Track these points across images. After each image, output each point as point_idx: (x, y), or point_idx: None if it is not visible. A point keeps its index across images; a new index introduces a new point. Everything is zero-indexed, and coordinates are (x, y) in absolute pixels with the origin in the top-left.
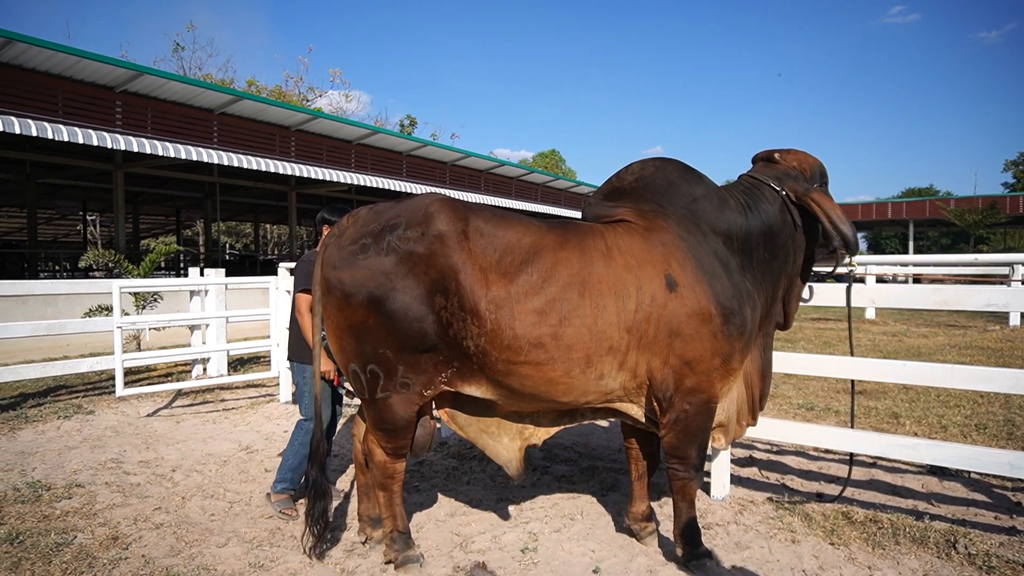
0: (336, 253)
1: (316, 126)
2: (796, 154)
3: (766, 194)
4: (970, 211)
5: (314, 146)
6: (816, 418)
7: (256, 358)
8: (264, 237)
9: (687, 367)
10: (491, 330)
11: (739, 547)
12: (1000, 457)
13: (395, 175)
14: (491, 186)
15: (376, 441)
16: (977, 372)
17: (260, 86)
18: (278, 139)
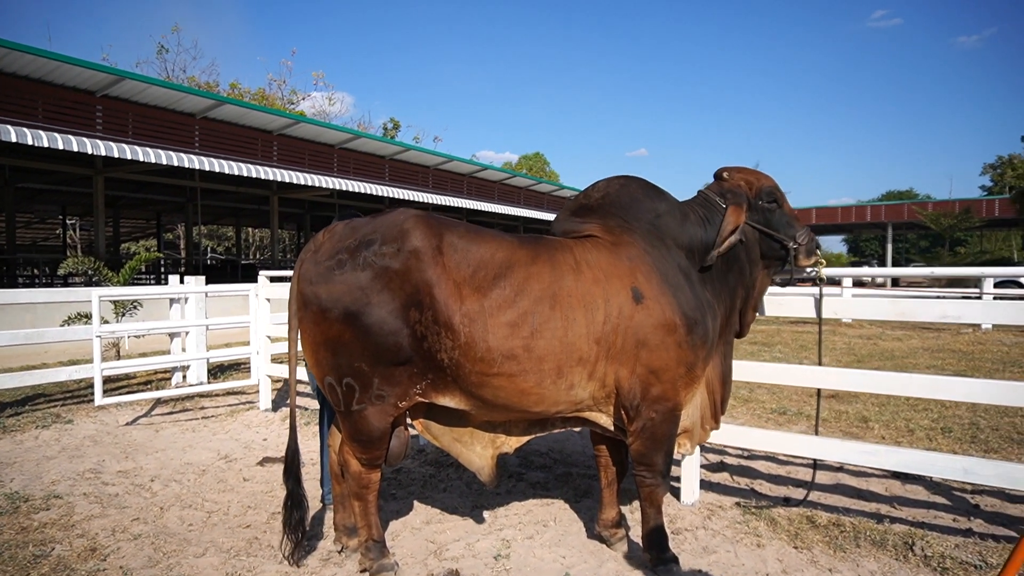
0: (312, 268)
1: (298, 130)
2: (745, 172)
3: (719, 209)
4: (945, 215)
5: (296, 150)
6: (788, 422)
7: (236, 365)
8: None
9: (653, 376)
10: (465, 343)
11: (706, 552)
12: (955, 463)
13: (378, 179)
14: (474, 190)
15: (351, 452)
16: (933, 381)
17: (243, 89)
18: (260, 143)
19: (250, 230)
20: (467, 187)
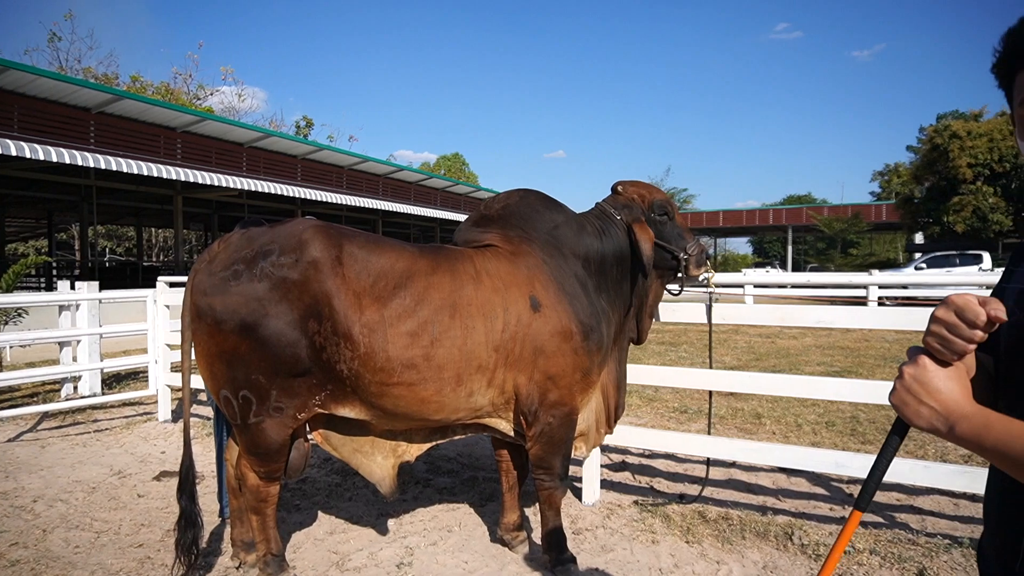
0: (207, 279)
1: (205, 128)
2: (638, 186)
3: (615, 221)
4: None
5: (203, 149)
6: (689, 420)
7: (135, 375)
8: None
9: (551, 382)
10: (364, 353)
11: (604, 550)
12: (829, 457)
13: (289, 180)
14: (389, 191)
15: (249, 465)
16: (808, 382)
17: (145, 82)
18: (163, 141)
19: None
20: (383, 188)
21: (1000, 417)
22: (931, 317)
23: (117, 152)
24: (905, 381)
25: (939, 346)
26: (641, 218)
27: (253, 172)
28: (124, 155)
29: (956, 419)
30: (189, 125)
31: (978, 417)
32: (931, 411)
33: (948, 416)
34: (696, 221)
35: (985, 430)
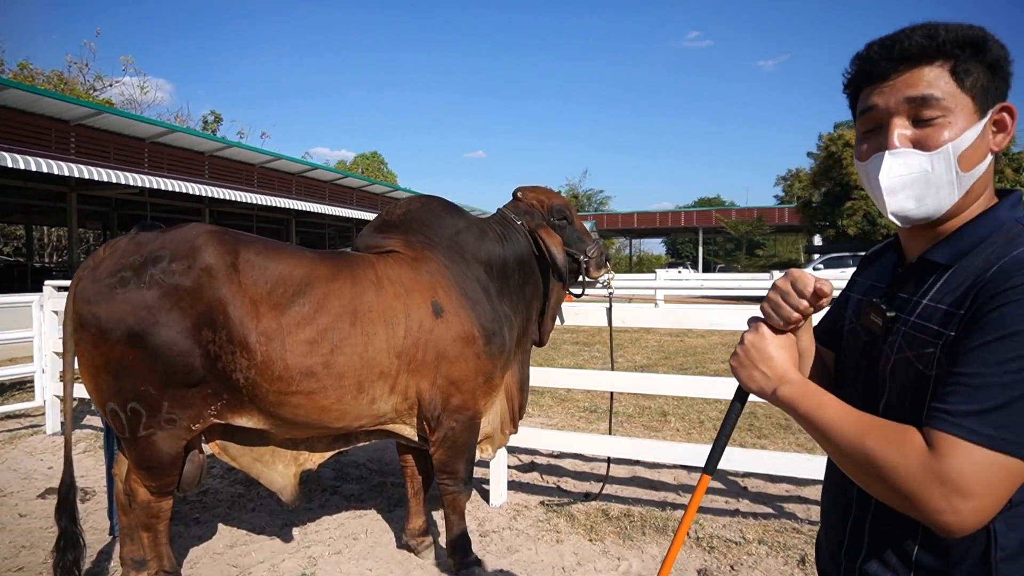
0: (91, 286)
1: (102, 121)
2: (537, 192)
3: (515, 227)
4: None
5: (100, 143)
6: (598, 420)
7: (20, 384)
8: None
9: (453, 387)
10: (262, 362)
11: (509, 551)
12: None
13: (196, 177)
14: (303, 190)
15: (139, 480)
16: (695, 381)
17: (35, 71)
18: (55, 134)
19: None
20: (296, 187)
21: (817, 389)
22: (772, 285)
23: (3, 146)
24: (744, 347)
25: (772, 311)
26: (544, 223)
27: (156, 169)
28: (10, 149)
29: (779, 383)
30: (85, 118)
31: (798, 385)
32: (762, 375)
33: (774, 379)
34: (612, 222)
35: (802, 397)
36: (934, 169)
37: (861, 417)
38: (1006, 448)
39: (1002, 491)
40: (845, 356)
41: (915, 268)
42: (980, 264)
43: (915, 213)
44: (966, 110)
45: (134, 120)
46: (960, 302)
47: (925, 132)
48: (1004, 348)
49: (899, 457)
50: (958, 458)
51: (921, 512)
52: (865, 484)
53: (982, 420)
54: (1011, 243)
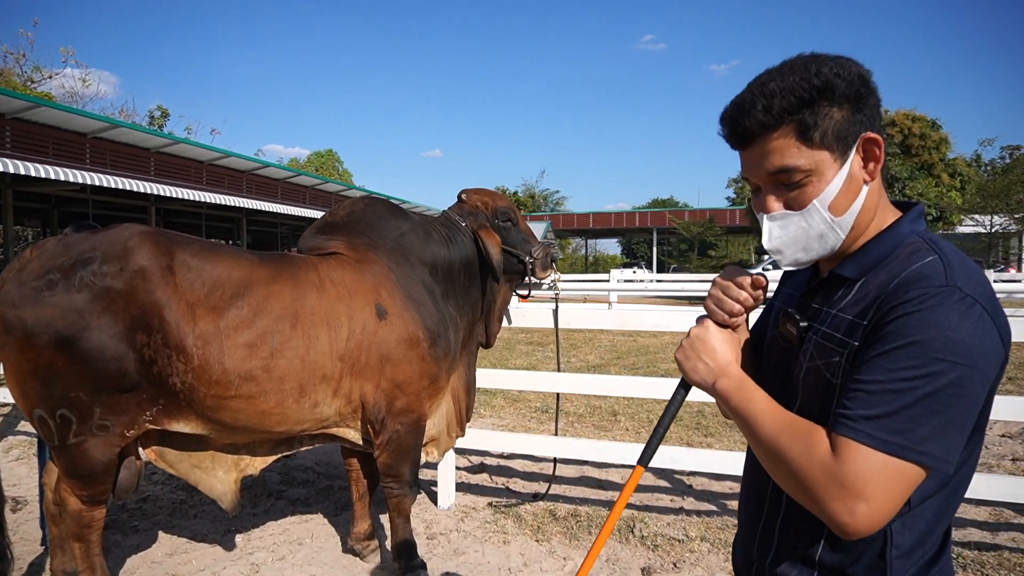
0: (16, 290)
1: (40, 115)
2: (482, 194)
3: (460, 229)
4: (695, 223)
5: (38, 138)
6: (550, 420)
7: None
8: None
9: (398, 389)
10: (199, 366)
11: (456, 553)
12: (664, 453)
13: (142, 174)
14: (254, 188)
15: (70, 489)
16: (643, 382)
17: None
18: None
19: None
20: (247, 185)
21: (752, 385)
22: (712, 282)
23: None
24: (691, 339)
25: (714, 306)
26: (486, 224)
27: (99, 165)
28: None
29: (719, 375)
30: (21, 111)
31: (735, 379)
32: (705, 367)
33: (716, 371)
34: (568, 223)
35: (736, 391)
36: (810, 225)
37: (782, 415)
38: (899, 452)
39: (896, 494)
40: (765, 363)
41: (826, 281)
42: (884, 278)
43: (807, 259)
44: (824, 163)
45: (75, 114)
46: (864, 313)
47: (793, 194)
48: (900, 357)
49: (805, 457)
50: (856, 462)
51: (822, 512)
52: (779, 480)
53: (877, 425)
54: (911, 256)
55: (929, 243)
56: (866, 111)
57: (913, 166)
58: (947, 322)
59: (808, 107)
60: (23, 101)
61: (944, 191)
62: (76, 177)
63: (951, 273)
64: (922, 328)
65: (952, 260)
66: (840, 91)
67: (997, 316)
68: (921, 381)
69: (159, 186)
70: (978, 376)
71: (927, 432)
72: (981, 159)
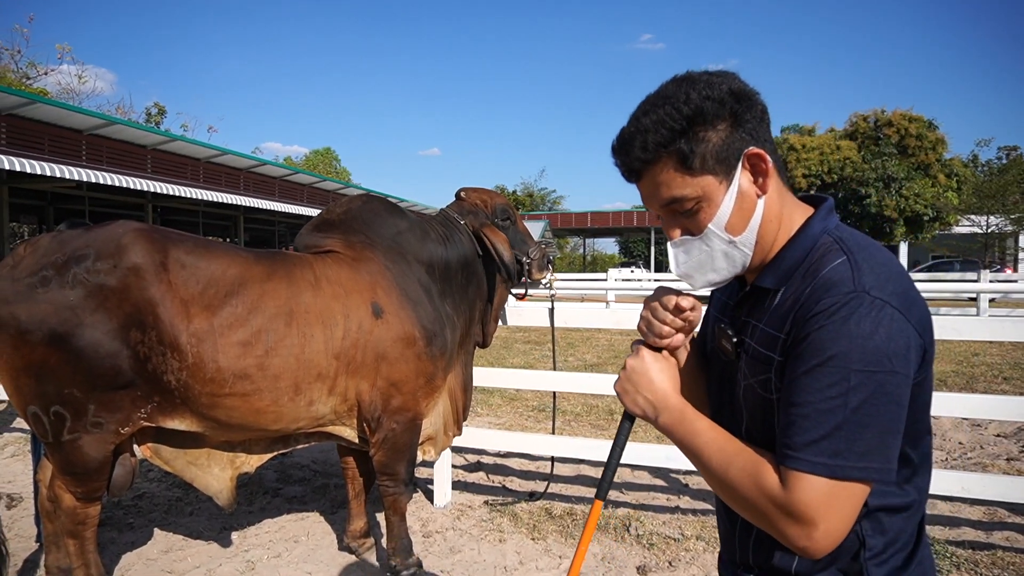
0: (9, 286)
1: (36, 111)
2: (480, 192)
3: (459, 227)
4: None
5: (33, 135)
6: (547, 418)
7: None
8: None
9: (394, 388)
10: (193, 363)
11: (452, 552)
12: (660, 452)
13: (138, 171)
14: (251, 186)
15: (65, 486)
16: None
17: None
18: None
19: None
20: (244, 183)
21: (694, 415)
22: (644, 304)
23: None
24: (627, 372)
25: (645, 328)
26: (488, 223)
27: (95, 162)
28: None
29: (661, 409)
30: (16, 108)
31: (676, 412)
32: (646, 400)
33: (656, 406)
34: (566, 222)
35: (679, 424)
36: (711, 247)
37: (727, 446)
38: (841, 473)
39: (847, 513)
40: (711, 377)
41: (751, 294)
42: (799, 286)
43: (720, 279)
44: (710, 187)
45: (71, 111)
46: (781, 325)
47: (688, 221)
48: (823, 375)
49: (754, 491)
50: (803, 491)
51: (780, 537)
52: (734, 507)
53: (816, 450)
54: (822, 260)
55: (838, 242)
56: (746, 126)
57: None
58: (860, 331)
59: (682, 136)
60: (19, 97)
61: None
62: (72, 174)
63: (859, 277)
64: (837, 341)
65: (860, 261)
66: (712, 113)
67: (911, 311)
68: (847, 397)
69: (156, 183)
70: (899, 378)
71: (863, 447)
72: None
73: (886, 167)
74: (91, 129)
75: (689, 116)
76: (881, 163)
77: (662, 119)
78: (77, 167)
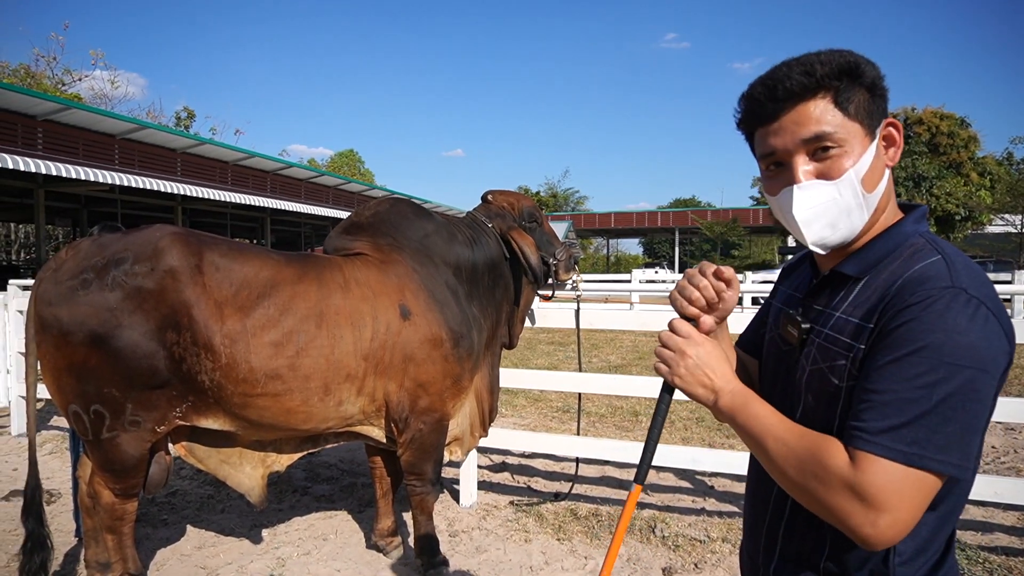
0: (52, 288)
1: (71, 117)
2: (507, 195)
3: (486, 230)
4: (718, 223)
5: (68, 139)
6: (571, 419)
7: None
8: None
9: (421, 389)
10: (226, 364)
11: (478, 551)
12: (686, 453)
13: (168, 174)
14: (278, 188)
15: (104, 482)
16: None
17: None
18: (21, 129)
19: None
20: (271, 185)
21: (756, 397)
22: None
23: None
24: (685, 356)
25: (677, 294)
26: (515, 226)
27: (127, 166)
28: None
29: (720, 393)
30: (52, 113)
31: (739, 394)
32: (703, 382)
33: (716, 389)
34: (589, 222)
35: (742, 407)
36: (842, 196)
37: (792, 428)
38: (918, 463)
39: (917, 503)
40: (765, 365)
41: (828, 280)
42: (887, 277)
43: (832, 239)
44: (858, 135)
45: (104, 116)
46: (869, 315)
47: (826, 164)
48: (911, 364)
49: (822, 472)
50: (875, 474)
51: (843, 524)
52: (795, 494)
53: (895, 436)
54: (914, 256)
55: (932, 243)
56: (882, 100)
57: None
58: (955, 325)
59: (846, 76)
60: (54, 103)
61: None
62: (105, 177)
63: (955, 275)
64: (931, 332)
65: (956, 261)
66: (867, 75)
67: (1001, 316)
68: (934, 388)
69: (185, 186)
70: (988, 379)
71: (944, 440)
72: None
73: (916, 166)
74: (123, 133)
75: (852, 66)
76: (911, 162)
77: (830, 58)
78: (110, 171)
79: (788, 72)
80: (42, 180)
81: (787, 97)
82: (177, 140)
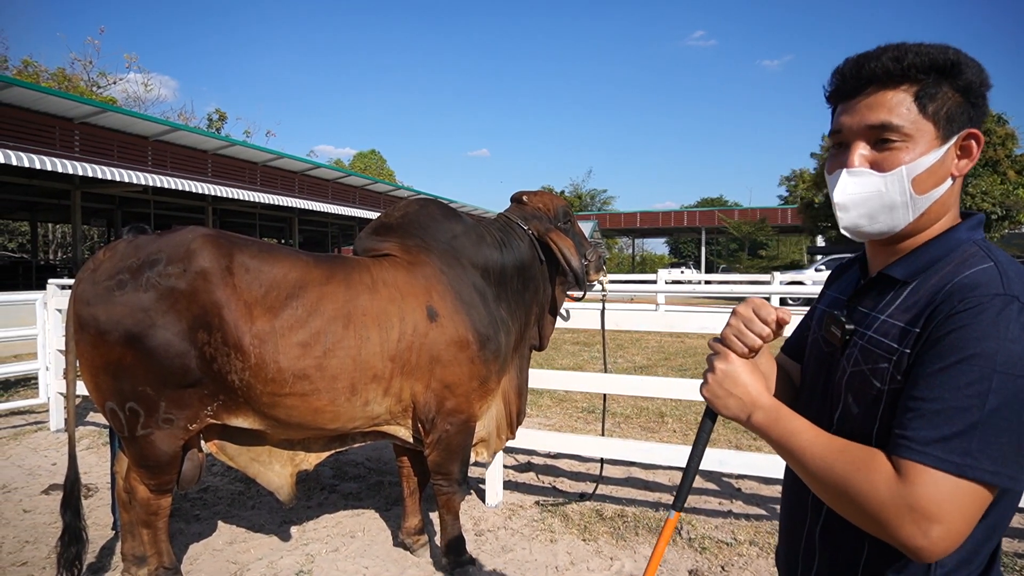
0: (90, 289)
1: (106, 119)
2: (542, 196)
3: (517, 232)
4: (746, 223)
5: (103, 141)
6: (596, 420)
7: (25, 381)
8: (45, 238)
9: (447, 390)
10: (255, 364)
11: (504, 551)
12: (713, 455)
13: (199, 175)
14: (306, 188)
15: (139, 478)
16: (690, 384)
17: (39, 68)
18: (59, 132)
19: (50, 226)
20: (299, 185)
21: (789, 412)
22: (733, 312)
23: (7, 144)
24: (716, 375)
25: (734, 337)
26: (553, 227)
27: (159, 167)
28: (15, 147)
29: (753, 409)
30: (88, 116)
31: (772, 410)
32: (737, 402)
33: (748, 405)
34: (615, 222)
35: (775, 422)
36: (887, 190)
37: (831, 442)
38: (971, 474)
39: (970, 514)
40: (806, 366)
41: (874, 283)
42: (936, 283)
43: (867, 229)
44: (927, 136)
45: (138, 118)
46: (916, 320)
47: (883, 155)
48: (961, 372)
49: (867, 484)
50: (926, 485)
51: (893, 538)
52: (839, 509)
53: (946, 447)
54: (965, 263)
55: (985, 250)
56: (975, 108)
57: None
58: (1008, 334)
59: (935, 73)
60: (90, 106)
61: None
62: (139, 178)
63: (1008, 282)
64: (982, 340)
65: (1008, 269)
66: (966, 77)
67: None
68: (986, 398)
69: (216, 187)
70: None
71: (997, 451)
72: None
73: None
74: (156, 135)
75: (949, 64)
76: None
77: (927, 51)
78: (143, 172)
79: (880, 55)
80: (79, 181)
81: (870, 79)
82: (208, 142)
